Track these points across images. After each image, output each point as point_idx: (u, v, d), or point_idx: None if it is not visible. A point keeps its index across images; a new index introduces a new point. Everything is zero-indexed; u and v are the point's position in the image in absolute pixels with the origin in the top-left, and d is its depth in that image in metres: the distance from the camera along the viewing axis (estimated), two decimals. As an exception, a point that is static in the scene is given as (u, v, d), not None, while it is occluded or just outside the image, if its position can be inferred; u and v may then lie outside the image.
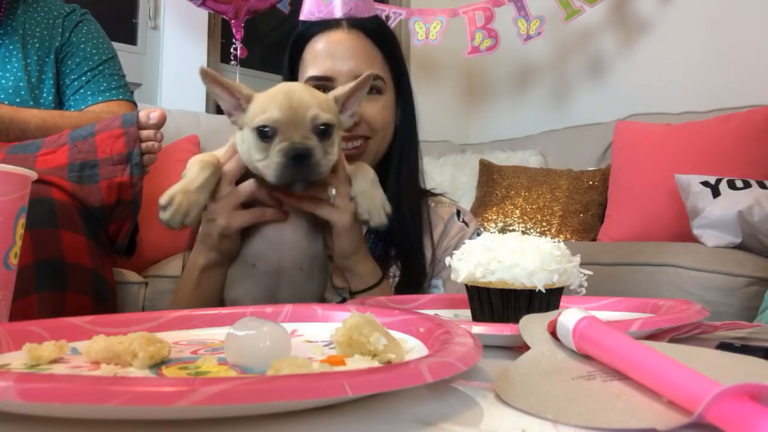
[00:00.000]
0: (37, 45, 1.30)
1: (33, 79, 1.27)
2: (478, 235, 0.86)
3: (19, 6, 1.30)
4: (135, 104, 1.37)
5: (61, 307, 0.83)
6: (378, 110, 0.87)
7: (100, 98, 1.33)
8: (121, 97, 1.35)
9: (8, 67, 1.25)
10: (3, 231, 0.44)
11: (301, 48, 0.90)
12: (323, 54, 0.87)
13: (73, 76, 1.33)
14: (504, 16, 2.61)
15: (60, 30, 1.33)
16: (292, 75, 0.92)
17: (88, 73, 1.34)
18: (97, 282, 0.91)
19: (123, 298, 1.33)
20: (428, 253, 0.90)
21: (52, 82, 1.30)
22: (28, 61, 1.28)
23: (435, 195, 0.99)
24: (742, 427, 0.21)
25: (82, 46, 1.34)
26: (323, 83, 0.85)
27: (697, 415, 0.23)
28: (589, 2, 2.47)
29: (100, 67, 1.36)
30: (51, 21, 1.32)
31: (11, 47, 1.26)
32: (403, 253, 0.88)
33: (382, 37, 0.91)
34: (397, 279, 0.86)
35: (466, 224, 0.95)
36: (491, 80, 3.18)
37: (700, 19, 2.40)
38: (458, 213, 0.96)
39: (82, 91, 1.33)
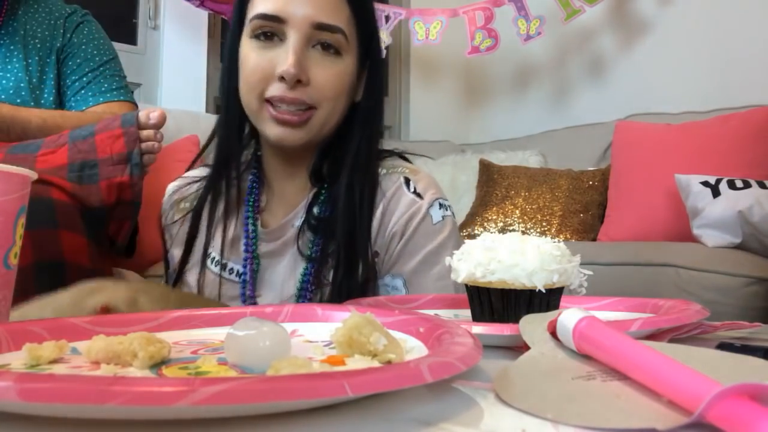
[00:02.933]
0: (38, 45, 1.29)
1: (34, 80, 1.27)
2: (443, 207, 0.77)
3: (20, 7, 1.30)
4: (136, 105, 1.37)
5: None
6: (332, 75, 0.73)
7: (101, 99, 1.32)
8: (122, 98, 1.35)
9: (9, 67, 1.25)
10: (3, 231, 0.44)
11: None
12: None
13: (74, 77, 1.32)
14: (504, 16, 2.61)
15: (61, 31, 1.32)
16: (241, 17, 0.76)
17: (89, 74, 1.33)
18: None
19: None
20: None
21: (53, 82, 1.30)
22: (29, 61, 1.27)
23: (388, 157, 0.83)
24: (742, 427, 0.21)
25: (83, 47, 1.34)
26: (271, 25, 0.72)
27: (697, 415, 0.23)
28: (589, 2, 2.47)
29: (101, 68, 1.35)
30: (52, 22, 1.32)
31: (12, 48, 1.26)
32: (346, 250, 0.73)
33: None
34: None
35: (419, 196, 0.76)
36: (491, 80, 3.18)
37: (700, 19, 2.40)
38: (407, 182, 0.77)
39: (83, 91, 1.33)
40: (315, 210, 0.78)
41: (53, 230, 0.85)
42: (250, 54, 0.73)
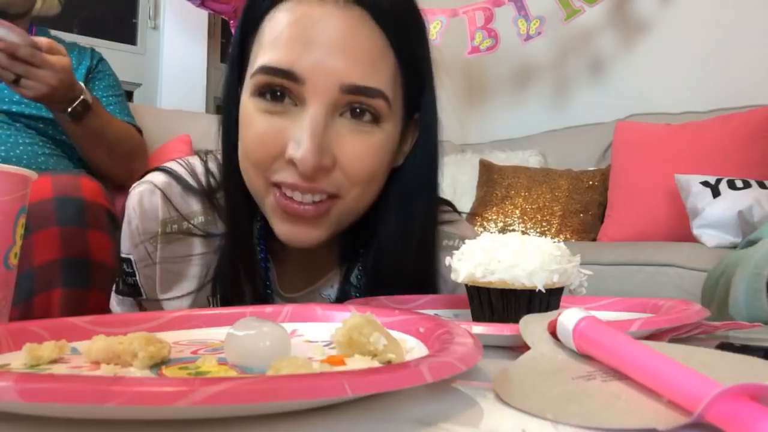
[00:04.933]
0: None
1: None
2: None
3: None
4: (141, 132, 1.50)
5: (85, 304, 0.87)
6: (366, 152, 0.54)
7: (126, 118, 1.46)
8: (134, 122, 1.50)
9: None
10: (3, 231, 0.44)
11: (258, 16, 0.56)
12: (291, 32, 0.52)
13: (102, 93, 1.44)
14: (504, 16, 2.61)
15: (89, 60, 1.47)
16: (241, 62, 0.58)
17: (113, 97, 1.48)
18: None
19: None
20: None
21: None
22: None
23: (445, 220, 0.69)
24: (742, 427, 0.21)
25: (107, 77, 1.50)
26: (283, 83, 0.52)
27: (697, 415, 0.23)
28: (589, 2, 2.47)
29: (121, 97, 1.52)
30: (77, 52, 1.47)
31: None
32: None
33: (402, 22, 0.55)
34: None
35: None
36: (491, 80, 3.18)
37: (700, 19, 2.40)
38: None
39: (111, 108, 1.43)
40: (353, 279, 0.65)
41: (82, 229, 0.88)
42: (254, 117, 0.54)
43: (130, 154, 1.40)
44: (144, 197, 0.64)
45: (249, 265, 0.63)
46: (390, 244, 0.61)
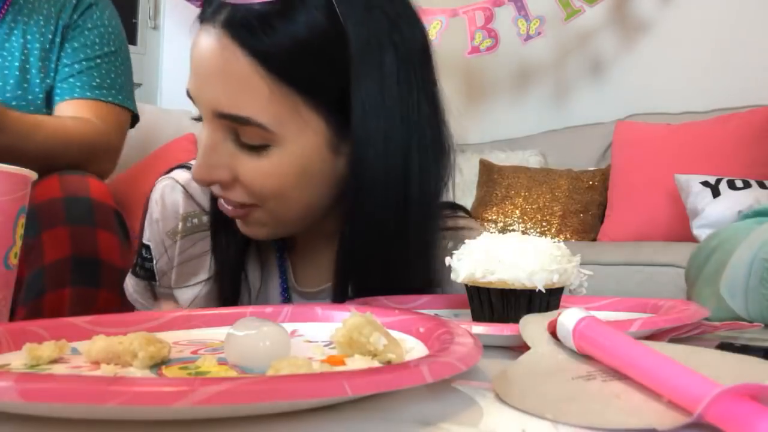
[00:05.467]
0: (42, 23, 1.13)
1: (32, 59, 1.13)
2: None
3: None
4: (130, 109, 1.19)
5: (93, 304, 0.87)
6: (260, 175, 0.54)
7: (89, 94, 1.12)
8: (111, 99, 1.14)
9: (6, 45, 1.12)
10: (3, 231, 0.44)
11: None
12: (192, 63, 0.55)
13: (66, 61, 1.13)
14: (504, 16, 2.61)
15: (70, 11, 1.15)
16: None
17: (84, 63, 1.14)
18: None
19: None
20: None
21: (53, 65, 1.14)
22: (28, 38, 1.13)
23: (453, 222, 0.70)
24: (742, 427, 0.21)
25: (86, 32, 1.15)
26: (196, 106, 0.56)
27: (697, 415, 0.23)
28: (589, 2, 2.47)
29: (99, 60, 1.15)
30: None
31: (13, 26, 1.12)
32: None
33: (284, 51, 0.51)
34: None
35: None
36: (491, 80, 3.18)
37: (700, 19, 2.40)
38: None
39: (71, 80, 1.13)
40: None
41: (91, 228, 0.88)
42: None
43: (82, 160, 1.03)
44: (166, 192, 0.68)
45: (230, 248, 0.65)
46: (364, 242, 0.58)
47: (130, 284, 0.73)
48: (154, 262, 0.69)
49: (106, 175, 1.15)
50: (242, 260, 0.66)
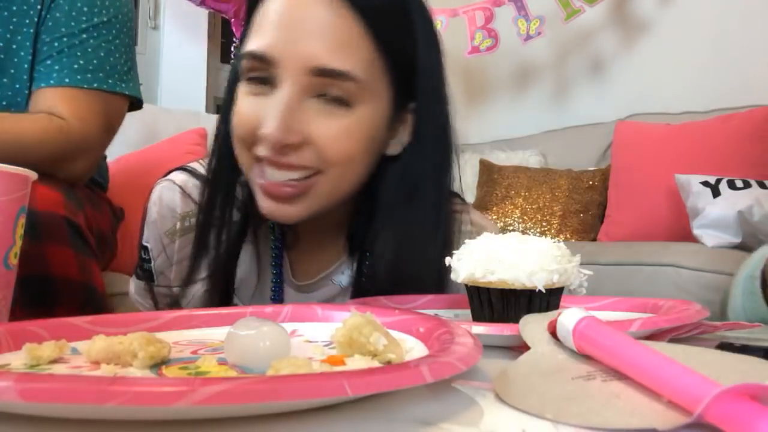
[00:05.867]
0: None
1: (7, 35, 0.94)
2: None
3: None
4: (124, 94, 1.00)
5: None
6: (338, 133, 0.56)
7: (68, 80, 0.93)
8: (96, 85, 0.95)
9: None
10: (3, 231, 0.44)
11: (252, 4, 0.60)
12: (271, 18, 0.55)
13: (45, 38, 0.94)
14: (504, 16, 2.61)
15: None
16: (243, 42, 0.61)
17: (65, 39, 0.93)
18: (88, 294, 0.87)
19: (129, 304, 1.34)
20: None
21: (29, 42, 0.94)
22: (5, 14, 0.94)
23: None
24: (742, 427, 0.21)
25: (71, 2, 0.94)
26: (261, 67, 0.56)
27: (697, 415, 0.23)
28: (589, 2, 2.47)
29: (85, 35, 0.94)
30: None
31: None
32: None
33: (384, 11, 0.57)
34: None
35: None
36: (491, 80, 3.18)
37: (700, 19, 2.40)
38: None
39: (49, 62, 0.93)
40: (365, 268, 0.67)
41: (37, 243, 0.78)
42: (242, 100, 0.58)
43: (46, 168, 0.84)
44: (164, 194, 0.69)
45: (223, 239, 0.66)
46: (393, 232, 0.62)
47: (132, 286, 0.74)
48: (152, 262, 0.70)
49: (84, 177, 1.00)
50: (236, 257, 0.67)
